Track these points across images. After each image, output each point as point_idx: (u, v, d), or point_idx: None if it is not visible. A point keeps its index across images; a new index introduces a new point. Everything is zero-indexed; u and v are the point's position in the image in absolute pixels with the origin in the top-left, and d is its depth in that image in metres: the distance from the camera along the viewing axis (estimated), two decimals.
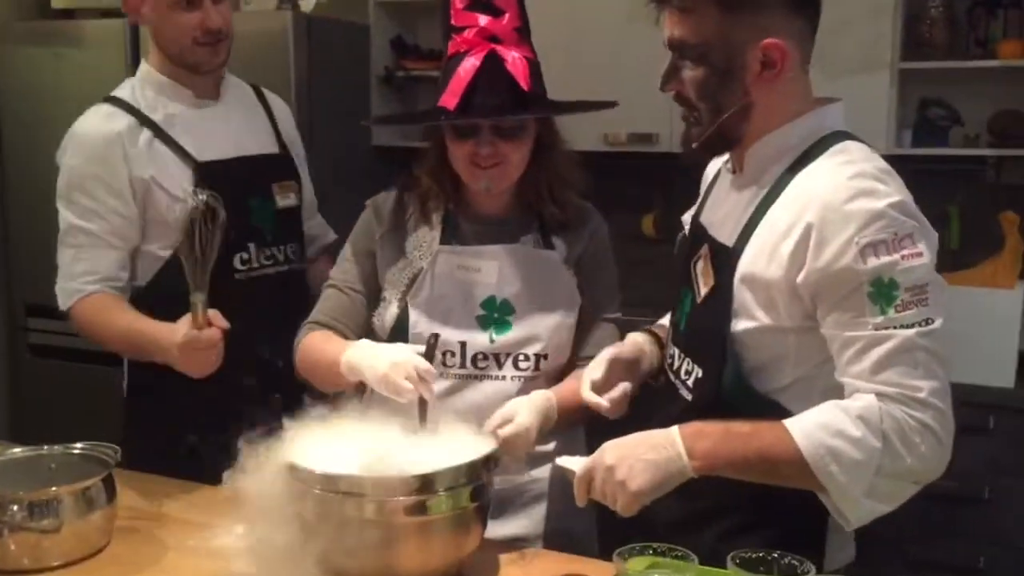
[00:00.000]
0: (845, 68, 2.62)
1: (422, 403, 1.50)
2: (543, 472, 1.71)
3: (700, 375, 1.44)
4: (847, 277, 1.27)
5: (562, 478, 1.72)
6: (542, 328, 1.68)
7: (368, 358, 1.55)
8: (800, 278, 1.31)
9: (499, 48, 1.58)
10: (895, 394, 1.25)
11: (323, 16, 3.53)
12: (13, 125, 3.51)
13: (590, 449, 1.47)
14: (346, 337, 1.71)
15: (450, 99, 1.57)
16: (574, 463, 1.39)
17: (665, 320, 1.68)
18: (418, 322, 1.67)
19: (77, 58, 3.36)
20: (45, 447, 1.59)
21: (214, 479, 1.63)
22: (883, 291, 1.26)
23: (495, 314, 1.68)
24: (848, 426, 1.25)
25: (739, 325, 1.37)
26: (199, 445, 1.94)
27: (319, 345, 1.70)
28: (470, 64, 1.56)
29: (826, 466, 1.25)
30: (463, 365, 1.67)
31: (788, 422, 1.29)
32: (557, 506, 1.69)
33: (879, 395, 1.26)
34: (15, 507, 1.41)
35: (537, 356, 1.68)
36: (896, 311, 1.26)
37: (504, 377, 1.68)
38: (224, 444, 1.46)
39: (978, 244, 2.89)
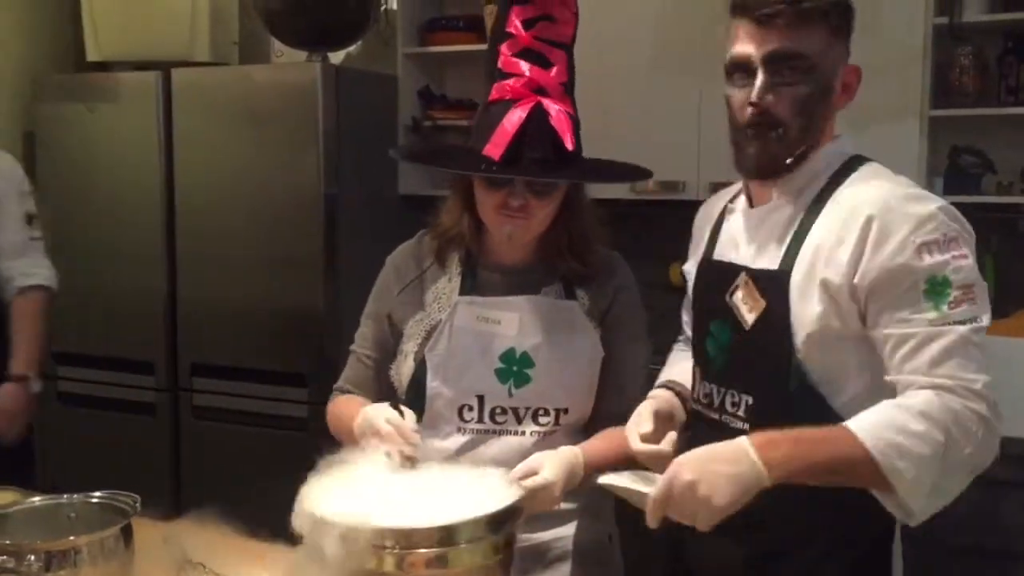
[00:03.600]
0: (875, 116, 2.60)
1: (403, 458, 1.48)
2: (568, 530, 1.66)
3: (751, 401, 1.45)
4: (905, 274, 1.32)
5: (588, 536, 1.69)
6: (563, 382, 1.65)
7: (371, 422, 1.55)
8: (857, 278, 1.35)
9: (545, 101, 1.54)
10: (953, 386, 1.29)
11: (352, 67, 3.58)
12: (49, 175, 3.56)
13: (618, 509, 1.43)
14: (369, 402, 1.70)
15: (495, 150, 1.52)
16: (621, 480, 1.37)
17: (673, 372, 1.69)
18: (435, 376, 1.64)
19: (111, 110, 3.42)
20: (64, 496, 1.58)
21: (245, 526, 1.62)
22: (937, 288, 1.32)
23: (514, 367, 1.64)
24: (911, 422, 1.28)
25: (800, 338, 1.40)
26: None
27: (341, 410, 1.73)
28: (517, 116, 1.52)
29: (892, 463, 1.27)
30: (481, 420, 1.64)
31: (850, 424, 1.31)
32: (583, 566, 1.65)
33: (937, 388, 1.29)
34: (32, 557, 1.39)
35: (557, 411, 1.65)
36: (950, 308, 1.31)
37: (523, 432, 1.64)
38: None
39: (1014, 294, 2.83)
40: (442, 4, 3.62)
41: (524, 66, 1.56)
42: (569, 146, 1.54)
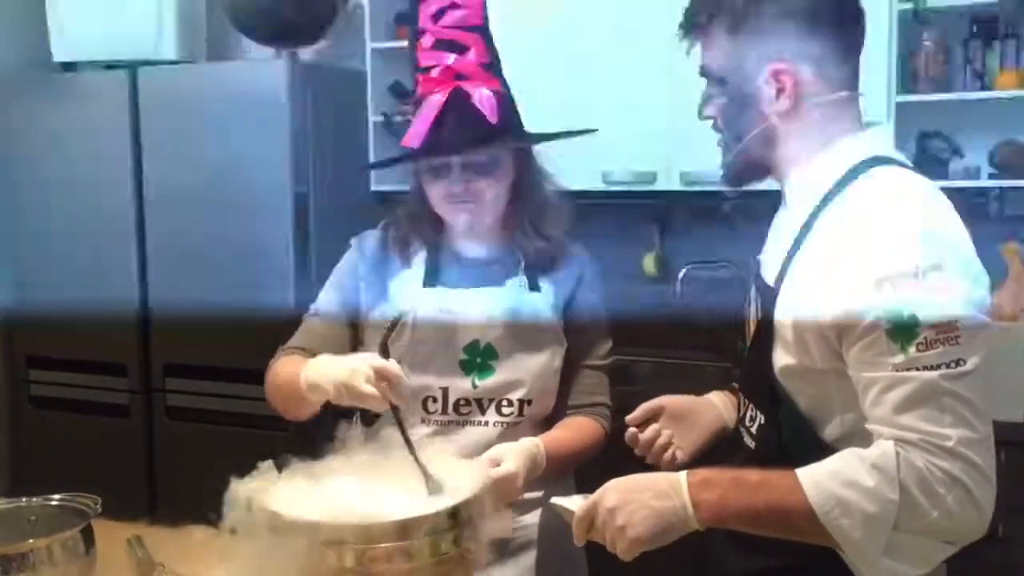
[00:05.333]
0: None
1: (395, 411, 1.44)
2: (531, 519, 1.67)
3: (762, 421, 1.37)
4: (863, 310, 1.18)
5: (552, 525, 1.69)
6: (526, 373, 1.65)
7: (327, 371, 1.47)
8: (821, 313, 1.24)
9: (465, 84, 1.56)
10: (918, 440, 1.14)
11: (320, 63, 3.56)
12: (16, 178, 3.52)
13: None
14: None
15: (414, 138, 1.55)
16: (571, 503, 1.35)
17: None
18: (399, 366, 1.63)
19: (78, 111, 3.38)
20: (24, 499, 1.56)
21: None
22: (902, 328, 1.16)
23: (478, 359, 1.64)
24: (861, 475, 1.15)
25: (779, 366, 1.31)
26: None
27: (283, 368, 1.64)
28: (434, 102, 1.55)
29: (837, 519, 1.16)
30: (445, 411, 1.64)
31: (801, 471, 1.20)
32: (547, 554, 1.65)
33: (899, 441, 1.15)
34: None
35: (521, 401, 1.65)
36: (919, 350, 1.15)
37: (487, 423, 1.64)
38: None
39: None
40: None
41: (443, 56, 1.57)
42: (492, 120, 1.54)
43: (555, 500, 1.38)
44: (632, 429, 1.50)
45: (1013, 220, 2.95)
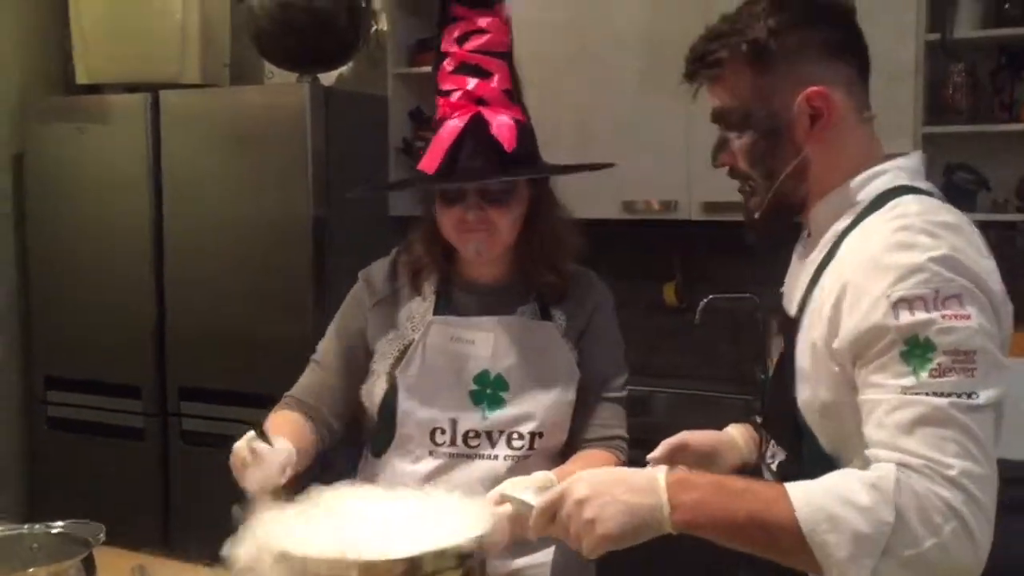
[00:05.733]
0: None
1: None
2: (544, 556, 1.62)
3: (783, 459, 1.33)
4: (879, 334, 1.13)
5: (566, 562, 1.64)
6: (538, 405, 1.61)
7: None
8: (836, 342, 1.19)
9: (485, 111, 1.54)
10: (919, 465, 1.08)
11: (342, 89, 3.56)
12: (37, 198, 3.55)
13: None
14: (319, 413, 1.67)
15: (430, 162, 1.53)
16: (527, 495, 1.26)
17: None
18: (407, 398, 1.61)
19: (100, 133, 3.40)
20: (26, 526, 1.54)
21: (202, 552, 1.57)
22: (917, 351, 1.11)
23: (488, 390, 1.61)
24: (857, 493, 1.09)
25: (801, 400, 1.27)
26: None
27: (272, 423, 1.64)
28: (452, 126, 1.53)
29: (821, 535, 1.08)
30: (453, 443, 1.60)
31: (792, 484, 1.14)
32: None
33: (900, 465, 1.09)
34: None
35: (532, 434, 1.61)
36: (931, 376, 1.10)
37: (497, 456, 1.60)
38: None
39: None
40: (432, 24, 3.60)
41: (464, 80, 1.55)
42: (507, 148, 1.52)
43: (507, 490, 1.30)
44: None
45: None
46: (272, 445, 1.44)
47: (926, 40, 2.75)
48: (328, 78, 3.51)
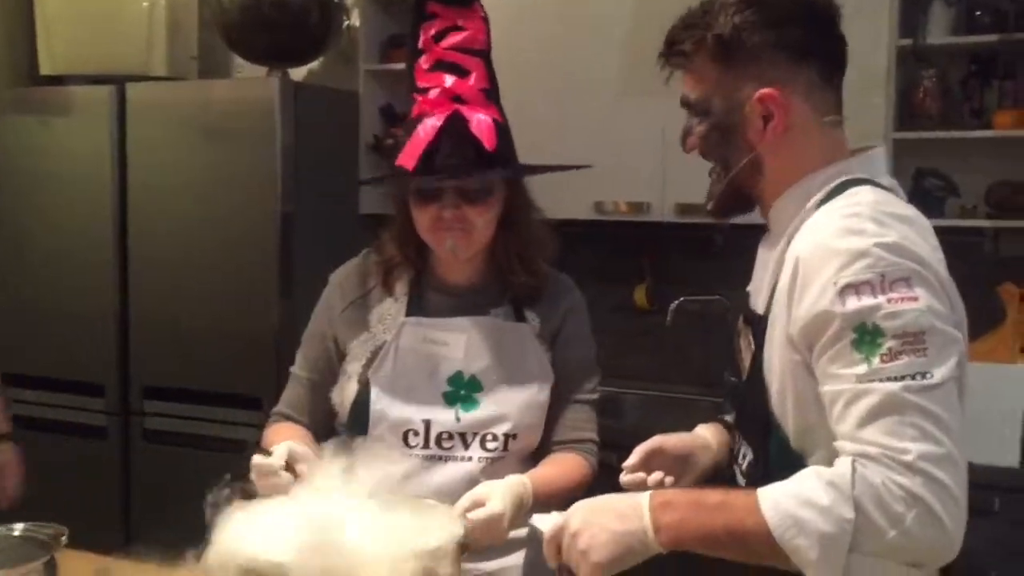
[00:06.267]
0: None
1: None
2: (516, 559, 1.60)
3: (751, 458, 1.34)
4: (827, 320, 1.15)
5: (538, 566, 1.62)
6: (511, 406, 1.59)
7: None
8: (791, 327, 1.21)
9: (463, 109, 1.52)
10: (876, 455, 1.09)
11: (312, 84, 3.52)
12: (2, 192, 3.46)
13: None
14: (304, 426, 1.67)
15: (408, 159, 1.50)
16: (547, 521, 1.30)
17: None
18: (379, 399, 1.58)
19: (64, 125, 3.33)
20: None
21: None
22: (867, 338, 1.12)
23: (462, 391, 1.59)
24: (818, 493, 1.10)
25: (773, 395, 1.27)
26: None
27: (269, 442, 1.64)
28: (431, 124, 1.51)
29: (793, 539, 1.10)
30: (427, 445, 1.58)
31: (762, 490, 1.15)
32: None
33: (859, 456, 1.11)
34: None
35: (506, 436, 1.59)
36: (883, 361, 1.11)
37: (470, 458, 1.58)
38: None
39: (977, 318, 2.80)
40: (404, 20, 3.56)
41: (442, 77, 1.54)
42: (488, 147, 1.50)
43: (533, 519, 1.33)
44: (629, 476, 1.44)
45: (1009, 261, 2.92)
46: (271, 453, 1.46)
47: (898, 46, 2.77)
48: (298, 73, 3.48)
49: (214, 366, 3.16)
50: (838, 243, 1.16)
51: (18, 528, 1.48)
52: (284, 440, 1.56)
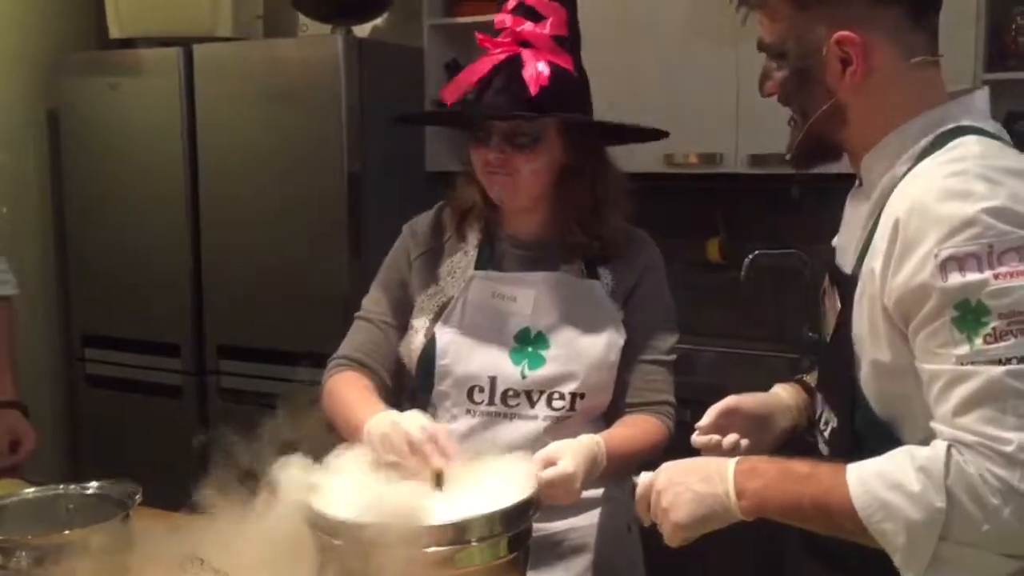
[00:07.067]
0: None
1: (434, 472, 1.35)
2: (589, 519, 1.57)
3: (835, 425, 1.28)
4: (925, 295, 1.07)
5: (611, 526, 1.60)
6: (579, 365, 1.55)
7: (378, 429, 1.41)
8: (885, 298, 1.13)
9: (526, 52, 1.48)
10: (974, 443, 1.03)
11: (377, 40, 3.49)
12: (72, 154, 3.52)
13: None
14: (376, 373, 1.62)
15: (450, 95, 1.49)
16: (644, 478, 1.28)
17: None
18: (445, 353, 1.56)
19: (134, 87, 3.36)
20: (61, 487, 1.52)
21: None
22: (970, 317, 1.04)
23: (529, 348, 1.55)
24: (909, 478, 1.05)
25: (861, 362, 1.20)
26: None
27: (344, 396, 1.58)
28: (481, 64, 1.48)
29: (879, 523, 1.06)
30: (491, 402, 1.55)
31: (851, 466, 1.10)
32: (604, 558, 1.55)
33: (955, 443, 1.05)
34: (23, 553, 1.33)
35: (573, 395, 1.55)
36: (985, 342, 1.03)
37: (536, 417, 1.54)
38: None
39: None
40: None
41: (517, 20, 1.50)
42: (532, 92, 1.46)
43: (639, 477, 1.29)
44: (703, 438, 1.38)
45: None
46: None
47: None
48: (362, 30, 3.45)
49: (285, 325, 3.18)
50: (941, 208, 1.07)
51: (92, 487, 1.50)
52: (360, 397, 1.54)
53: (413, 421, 1.38)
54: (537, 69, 1.47)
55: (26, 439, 2.18)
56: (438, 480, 1.34)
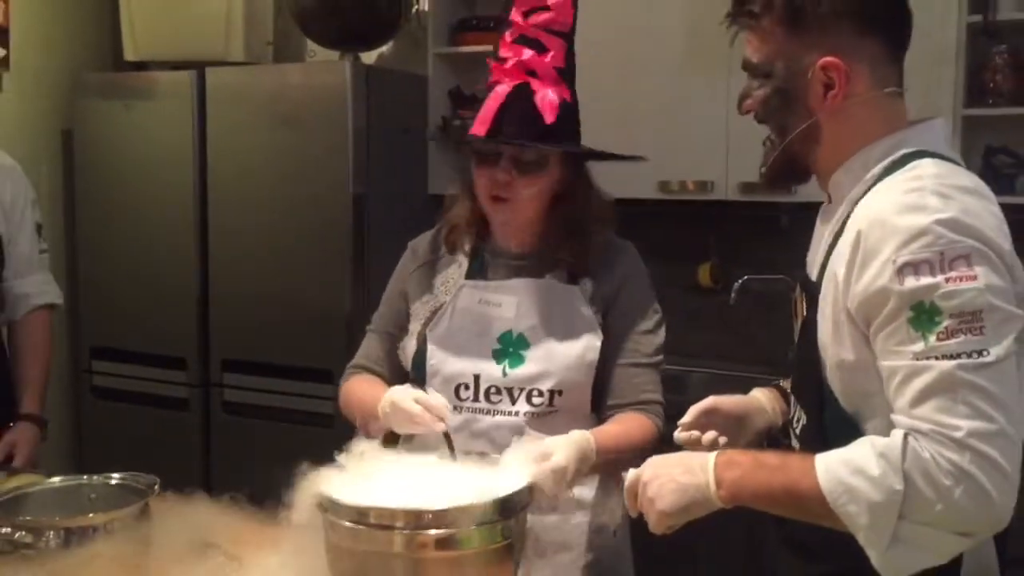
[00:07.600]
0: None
1: (446, 436, 1.52)
2: (575, 518, 1.67)
3: (805, 422, 1.38)
4: (885, 298, 1.18)
5: (602, 523, 1.69)
6: (556, 363, 1.67)
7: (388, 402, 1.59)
8: (848, 301, 1.24)
9: (533, 82, 1.60)
10: (928, 431, 1.14)
11: (383, 67, 3.61)
12: (85, 171, 3.63)
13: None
14: (383, 377, 1.77)
15: (481, 127, 1.60)
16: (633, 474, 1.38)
17: None
18: (434, 354, 1.69)
19: (147, 109, 3.47)
20: (84, 477, 1.61)
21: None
22: (924, 317, 1.15)
23: (510, 348, 1.68)
24: (870, 463, 1.15)
25: (826, 361, 1.31)
26: None
27: (358, 389, 1.76)
28: (500, 91, 1.60)
29: (844, 506, 1.16)
30: (476, 399, 1.68)
31: (819, 456, 1.21)
32: (595, 553, 1.65)
33: (912, 431, 1.15)
34: (51, 534, 1.42)
35: (551, 392, 1.66)
36: (939, 339, 1.14)
37: (516, 413, 1.66)
38: None
39: None
40: (473, 4, 3.64)
41: (521, 50, 1.61)
42: (548, 120, 1.58)
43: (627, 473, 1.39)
44: (684, 434, 1.49)
45: None
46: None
47: (968, 22, 2.75)
48: (369, 56, 3.56)
49: (289, 341, 3.27)
50: (898, 220, 1.18)
51: (115, 477, 1.59)
52: (371, 387, 1.70)
53: (406, 396, 1.56)
54: (547, 99, 1.59)
55: (17, 456, 2.24)
56: (449, 441, 1.51)
